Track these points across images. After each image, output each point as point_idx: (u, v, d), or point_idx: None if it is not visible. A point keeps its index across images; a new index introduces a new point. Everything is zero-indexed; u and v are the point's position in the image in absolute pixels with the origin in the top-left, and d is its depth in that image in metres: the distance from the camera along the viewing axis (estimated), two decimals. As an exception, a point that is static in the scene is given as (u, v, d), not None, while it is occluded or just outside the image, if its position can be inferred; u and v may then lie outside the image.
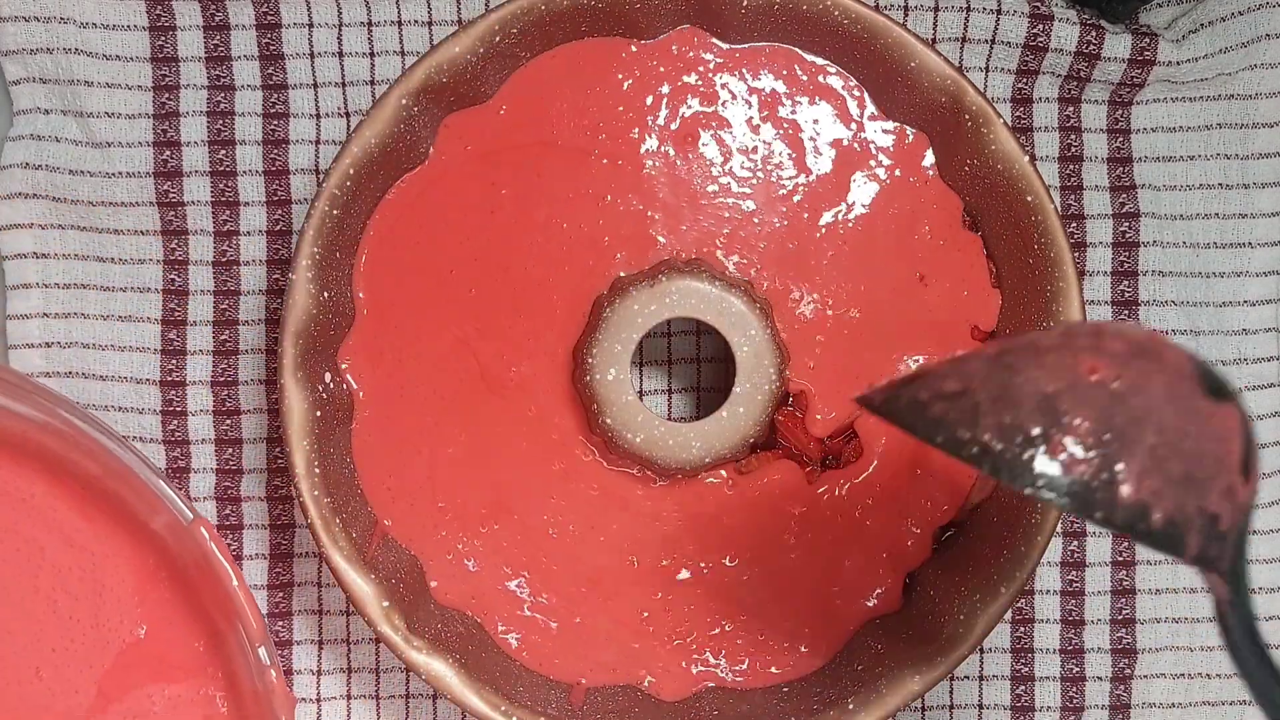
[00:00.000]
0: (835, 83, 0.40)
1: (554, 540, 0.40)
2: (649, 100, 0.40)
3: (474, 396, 0.40)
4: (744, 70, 0.40)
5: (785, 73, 0.40)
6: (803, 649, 0.40)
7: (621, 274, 0.40)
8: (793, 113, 0.40)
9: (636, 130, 0.40)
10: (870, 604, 0.40)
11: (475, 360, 0.40)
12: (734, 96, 0.40)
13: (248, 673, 0.38)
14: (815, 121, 0.40)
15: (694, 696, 0.40)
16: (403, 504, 0.40)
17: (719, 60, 0.40)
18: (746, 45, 0.40)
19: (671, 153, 0.40)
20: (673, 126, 0.40)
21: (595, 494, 0.40)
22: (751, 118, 0.40)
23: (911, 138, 0.40)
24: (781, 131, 0.40)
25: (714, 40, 0.40)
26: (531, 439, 0.40)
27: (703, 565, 0.41)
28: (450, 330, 0.40)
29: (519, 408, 0.40)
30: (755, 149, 0.40)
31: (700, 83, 0.40)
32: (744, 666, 0.40)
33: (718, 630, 0.40)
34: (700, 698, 0.40)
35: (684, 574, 0.41)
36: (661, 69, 0.40)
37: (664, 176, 0.40)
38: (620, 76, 0.40)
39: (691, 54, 0.40)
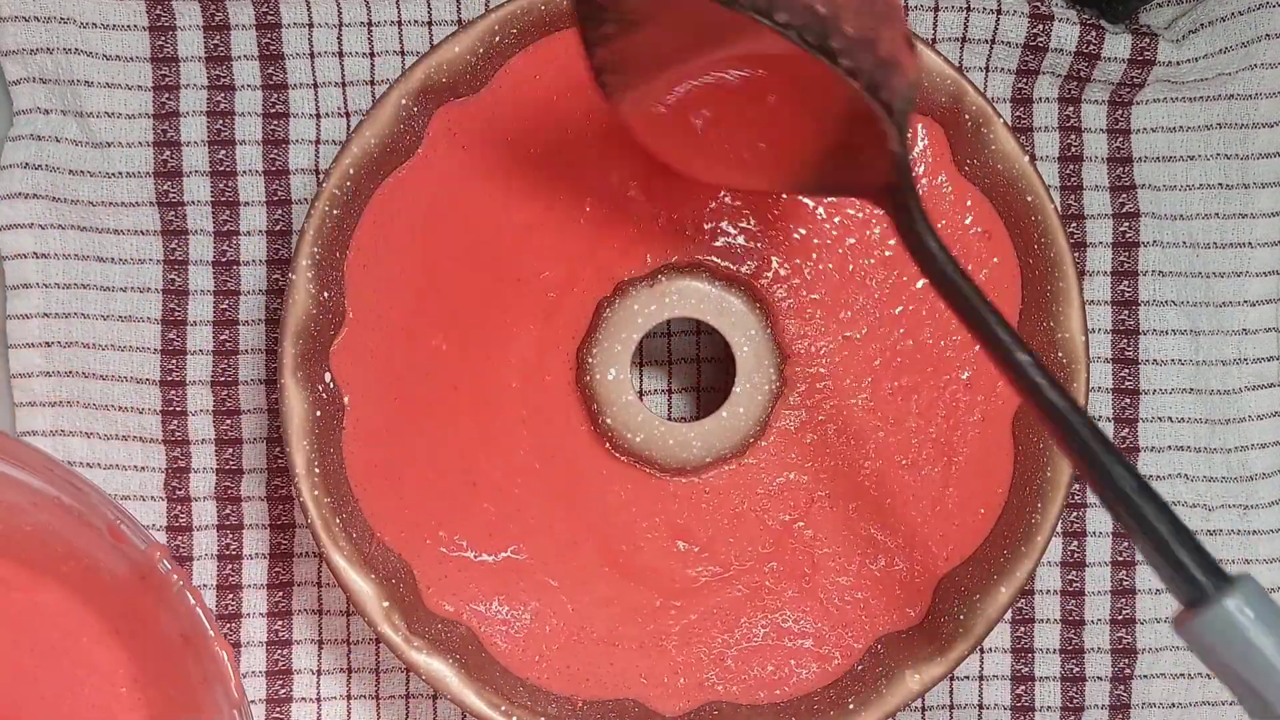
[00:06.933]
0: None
1: (552, 547, 0.40)
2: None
3: (466, 402, 0.40)
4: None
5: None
6: (812, 667, 0.40)
7: (623, 276, 0.40)
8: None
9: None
10: (892, 618, 0.40)
11: (467, 365, 0.40)
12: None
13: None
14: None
15: (696, 707, 0.40)
16: (393, 512, 0.39)
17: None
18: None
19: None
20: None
21: (594, 498, 0.40)
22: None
23: (927, 137, 0.40)
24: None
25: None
26: (529, 443, 0.40)
27: (709, 575, 0.40)
28: (442, 333, 0.40)
29: (513, 413, 0.40)
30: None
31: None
32: (749, 682, 0.40)
33: (722, 644, 0.40)
34: (701, 707, 0.40)
35: (689, 583, 0.40)
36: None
37: (668, 175, 0.40)
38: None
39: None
